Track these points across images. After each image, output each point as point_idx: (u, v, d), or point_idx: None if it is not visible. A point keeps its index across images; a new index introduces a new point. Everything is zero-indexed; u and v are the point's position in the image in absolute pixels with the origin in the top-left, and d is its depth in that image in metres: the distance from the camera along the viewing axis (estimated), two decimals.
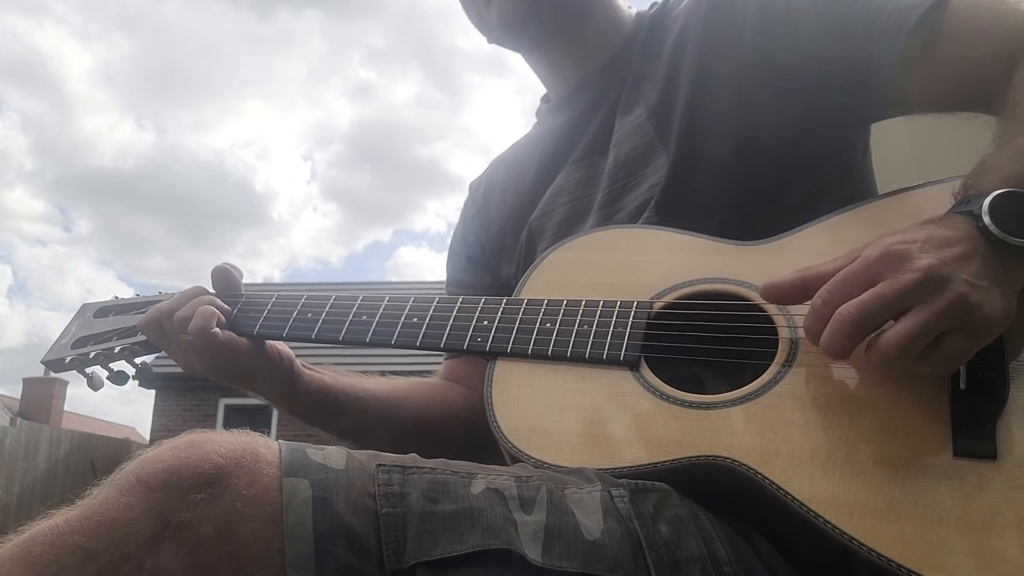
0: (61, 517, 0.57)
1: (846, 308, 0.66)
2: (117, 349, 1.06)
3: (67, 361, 1.07)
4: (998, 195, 0.68)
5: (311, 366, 1.05)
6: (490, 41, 1.11)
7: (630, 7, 1.13)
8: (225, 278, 1.04)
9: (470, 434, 0.98)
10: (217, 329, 0.95)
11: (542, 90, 1.20)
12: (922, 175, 0.83)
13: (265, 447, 0.61)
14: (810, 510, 0.65)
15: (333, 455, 0.63)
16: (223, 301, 1.00)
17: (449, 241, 1.26)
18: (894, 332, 0.64)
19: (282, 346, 1.02)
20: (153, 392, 10.66)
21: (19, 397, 19.48)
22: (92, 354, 1.07)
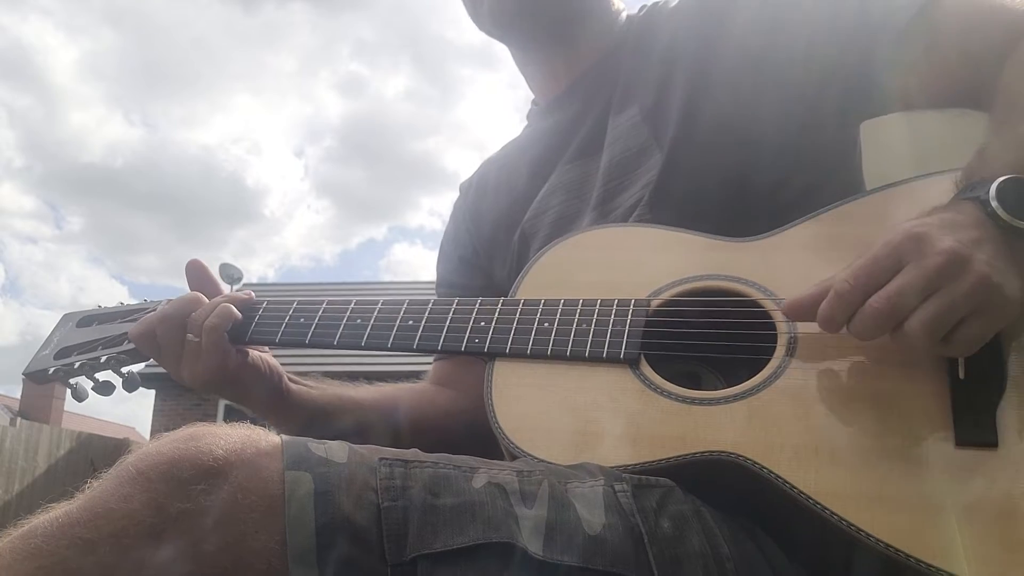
0: (61, 510, 0.57)
1: (876, 300, 0.66)
2: (103, 359, 1.02)
3: (50, 372, 1.03)
4: (1004, 180, 0.68)
5: (297, 379, 1.04)
6: (481, 30, 1.11)
7: (623, 9, 1.12)
8: (201, 273, 1.02)
9: (466, 436, 0.98)
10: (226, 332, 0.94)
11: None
12: (915, 172, 0.83)
13: (266, 440, 0.61)
14: (816, 502, 0.65)
15: (335, 449, 0.63)
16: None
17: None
18: (919, 317, 0.64)
19: (272, 360, 1.02)
20: (153, 392, 10.66)
21: (19, 397, 19.47)
22: (77, 364, 1.03)
